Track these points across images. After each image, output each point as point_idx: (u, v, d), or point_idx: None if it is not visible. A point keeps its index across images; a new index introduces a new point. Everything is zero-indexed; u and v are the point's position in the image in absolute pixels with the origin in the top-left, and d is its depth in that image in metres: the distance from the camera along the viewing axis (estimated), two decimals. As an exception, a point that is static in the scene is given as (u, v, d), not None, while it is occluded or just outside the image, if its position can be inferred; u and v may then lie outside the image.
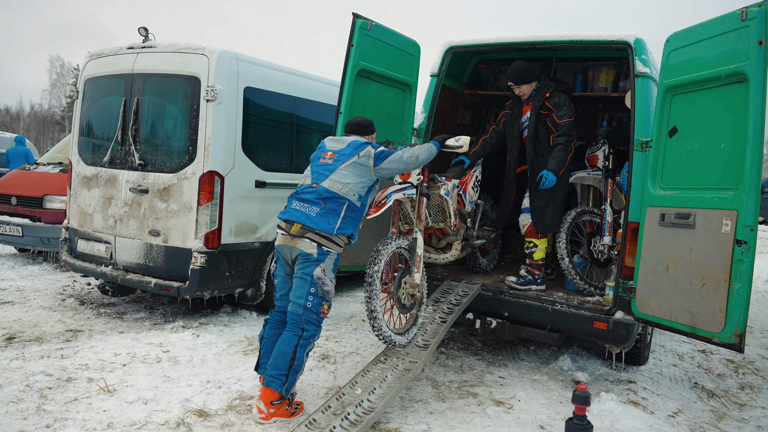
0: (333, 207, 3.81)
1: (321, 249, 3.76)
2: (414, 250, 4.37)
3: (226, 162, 5.62)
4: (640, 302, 4.33)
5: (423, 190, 4.39)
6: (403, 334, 4.37)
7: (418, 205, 4.42)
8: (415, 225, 4.43)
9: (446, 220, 4.93)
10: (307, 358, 3.84)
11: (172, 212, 5.63)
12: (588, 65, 5.70)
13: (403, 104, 5.40)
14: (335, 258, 3.86)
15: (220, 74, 5.53)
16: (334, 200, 3.82)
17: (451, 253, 5.14)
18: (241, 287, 5.99)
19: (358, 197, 3.90)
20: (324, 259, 3.77)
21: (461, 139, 4.49)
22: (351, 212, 3.87)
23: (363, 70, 4.87)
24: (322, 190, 3.83)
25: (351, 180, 3.89)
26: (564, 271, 5.11)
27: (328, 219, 3.77)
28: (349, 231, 3.85)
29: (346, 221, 3.84)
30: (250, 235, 5.96)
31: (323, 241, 3.76)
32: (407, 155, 4.06)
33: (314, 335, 3.82)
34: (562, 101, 5.02)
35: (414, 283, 4.34)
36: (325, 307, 3.83)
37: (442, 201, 4.88)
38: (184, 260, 5.55)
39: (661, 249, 4.17)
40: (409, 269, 4.40)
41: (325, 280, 3.78)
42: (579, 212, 5.26)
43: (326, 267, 3.79)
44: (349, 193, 3.85)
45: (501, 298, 5.07)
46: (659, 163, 4.30)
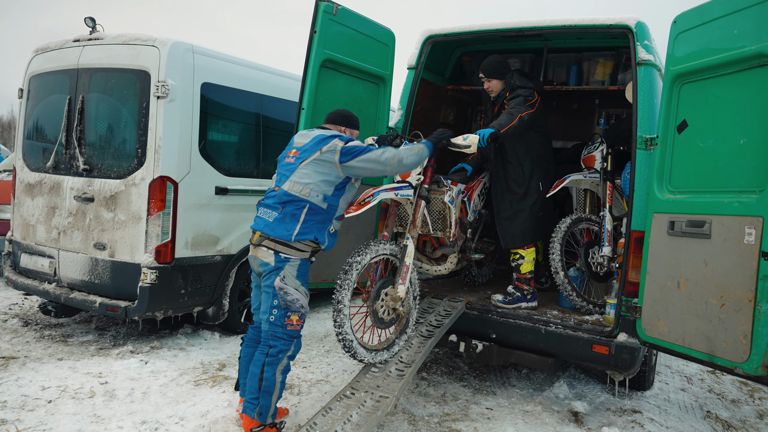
0: (291, 211, 3.45)
1: (278, 257, 3.42)
2: (402, 258, 3.84)
3: (180, 166, 5.02)
4: (647, 323, 3.74)
5: (422, 193, 3.93)
6: (374, 351, 3.82)
7: (414, 208, 3.94)
8: (408, 231, 3.93)
9: (446, 229, 4.41)
10: (281, 376, 3.45)
11: (120, 223, 5.02)
12: (583, 56, 5.13)
13: (377, 100, 4.82)
14: (299, 264, 3.46)
15: (172, 68, 4.94)
16: (293, 203, 3.45)
17: (446, 266, 4.59)
18: (200, 306, 5.37)
19: (322, 198, 3.49)
20: (283, 266, 3.42)
21: (469, 138, 3.93)
22: (314, 215, 3.47)
23: (328, 60, 4.28)
24: (281, 193, 3.49)
25: (312, 179, 3.48)
26: (558, 286, 4.52)
27: (285, 224, 3.43)
28: (311, 236, 3.45)
29: (308, 226, 3.45)
30: (210, 247, 5.35)
31: (280, 248, 3.42)
32: (387, 155, 3.53)
33: (283, 351, 3.45)
34: (519, 94, 4.36)
35: (396, 296, 3.82)
36: (294, 318, 3.46)
37: (444, 208, 4.35)
38: (132, 277, 4.94)
39: (671, 262, 3.59)
40: (392, 280, 3.88)
41: (287, 289, 3.42)
42: (575, 220, 4.68)
43: (287, 274, 3.42)
44: (310, 195, 3.45)
45: (488, 317, 4.48)
46: (666, 162, 3.73)
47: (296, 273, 3.45)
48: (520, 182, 4.57)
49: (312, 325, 6.32)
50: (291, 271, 3.44)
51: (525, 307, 4.62)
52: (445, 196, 4.34)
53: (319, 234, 3.49)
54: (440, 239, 4.63)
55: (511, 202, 4.59)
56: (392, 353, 3.94)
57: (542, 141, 4.68)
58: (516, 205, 4.59)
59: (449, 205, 4.34)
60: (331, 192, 3.53)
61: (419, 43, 4.90)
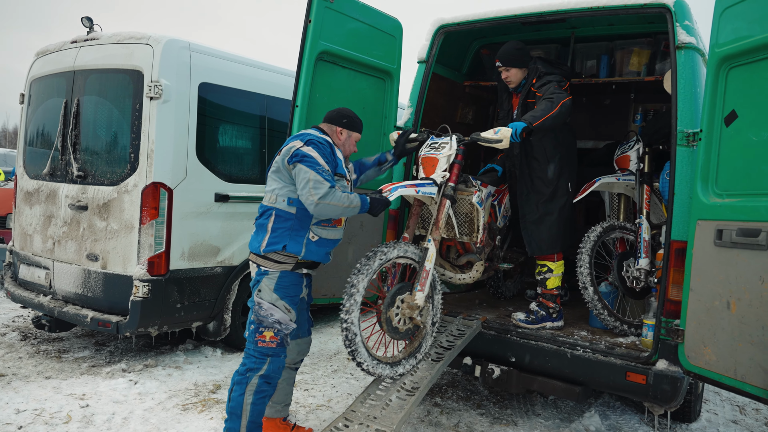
0: (261, 222, 3.30)
1: (259, 269, 3.26)
2: (422, 262, 3.48)
3: (176, 172, 4.69)
4: (691, 350, 3.19)
5: (447, 191, 3.58)
6: (389, 365, 3.45)
7: (438, 208, 3.59)
8: (430, 233, 3.56)
9: (472, 234, 3.99)
10: (250, 398, 3.14)
11: (112, 232, 4.72)
12: (615, 45, 4.59)
13: (383, 96, 4.38)
14: (278, 277, 3.23)
15: (167, 67, 4.62)
16: (264, 215, 3.30)
17: (470, 274, 4.13)
18: (198, 321, 5.02)
19: (287, 201, 3.24)
20: (261, 279, 3.24)
21: (501, 131, 3.53)
22: (282, 222, 3.24)
23: (326, 52, 3.88)
24: (260, 207, 3.38)
25: (276, 185, 3.29)
26: (587, 303, 3.97)
27: (257, 237, 3.29)
28: (280, 245, 3.20)
29: (277, 234, 3.23)
30: (210, 258, 5.01)
31: (259, 260, 3.26)
32: (312, 188, 3.07)
33: (252, 370, 3.18)
34: (549, 80, 3.89)
35: (414, 303, 3.43)
36: (267, 334, 3.20)
37: (472, 210, 3.95)
38: (124, 290, 4.63)
39: (719, 278, 3.04)
40: (409, 285, 3.49)
41: (261, 303, 3.23)
42: (606, 228, 4.13)
43: (263, 288, 3.23)
44: (276, 201, 3.26)
45: (506, 338, 3.98)
46: (712, 161, 3.18)
47: (274, 286, 3.22)
48: (547, 182, 4.05)
49: (323, 341, 5.91)
50: (268, 284, 3.22)
51: (550, 327, 4.09)
52: (473, 196, 3.90)
53: (291, 242, 3.20)
54: (466, 245, 4.18)
55: (537, 203, 4.08)
56: (395, 373, 3.49)
57: (570, 137, 4.17)
58: (543, 207, 4.07)
59: (477, 207, 3.92)
60: (297, 195, 3.20)
61: (430, 33, 4.46)
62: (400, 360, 3.56)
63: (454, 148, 3.59)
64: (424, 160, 3.64)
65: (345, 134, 3.49)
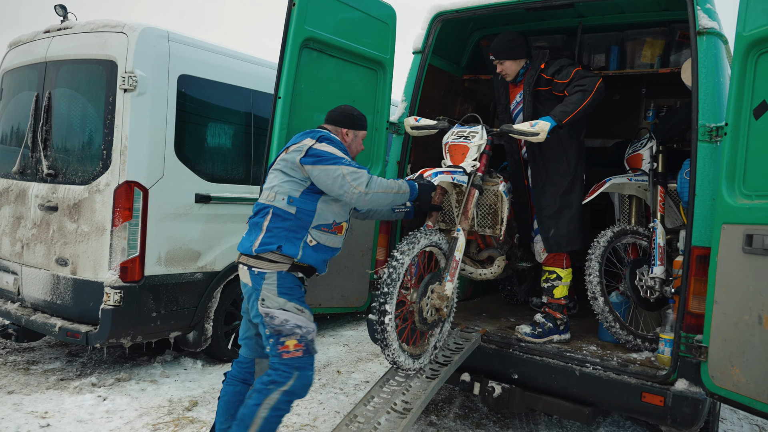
0: (256, 220, 3.01)
1: (252, 272, 2.93)
2: (452, 252, 3.35)
3: (151, 170, 4.35)
4: (716, 369, 2.84)
5: (476, 181, 3.48)
6: (416, 357, 3.31)
7: (467, 198, 3.47)
8: (459, 222, 3.45)
9: (496, 226, 3.80)
10: (266, 412, 2.84)
11: (83, 235, 4.38)
12: (626, 35, 4.25)
13: (375, 89, 4.04)
14: (276, 278, 2.91)
15: (142, 57, 4.29)
16: (260, 213, 3.01)
17: (492, 270, 3.95)
18: (176, 331, 4.67)
19: (287, 200, 2.96)
20: (260, 286, 2.91)
21: (538, 124, 3.38)
22: (279, 221, 2.94)
23: (311, 39, 3.55)
24: (255, 205, 3.09)
25: (277, 182, 3.02)
26: (597, 315, 3.63)
27: (249, 236, 3.00)
28: (274, 245, 2.90)
29: (272, 234, 2.93)
30: (189, 263, 4.66)
31: (251, 261, 2.93)
32: (353, 180, 2.90)
33: (276, 382, 2.87)
34: (564, 64, 3.69)
35: (444, 293, 3.29)
36: (289, 343, 2.90)
37: (496, 201, 3.77)
38: (95, 297, 4.28)
39: (749, 289, 2.70)
40: (439, 275, 3.35)
41: (271, 312, 2.89)
42: (617, 233, 3.79)
43: (266, 296, 2.90)
44: (275, 199, 2.98)
45: (508, 353, 3.64)
46: (740, 158, 2.85)
47: (276, 290, 2.90)
48: (564, 173, 3.77)
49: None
50: (269, 289, 2.90)
51: (557, 340, 3.75)
52: (499, 186, 3.70)
53: (288, 243, 2.92)
54: (487, 239, 3.99)
55: (554, 196, 3.78)
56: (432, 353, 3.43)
57: (580, 127, 3.86)
58: (561, 201, 3.77)
59: (504, 196, 3.72)
60: (299, 194, 2.97)
61: (426, 21, 4.12)
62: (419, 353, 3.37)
63: (485, 138, 3.48)
64: (452, 147, 3.53)
65: (351, 135, 3.26)
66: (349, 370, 5.10)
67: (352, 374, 4.99)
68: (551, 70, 3.68)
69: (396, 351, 3.10)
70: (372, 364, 5.30)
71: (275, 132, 3.48)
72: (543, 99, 3.76)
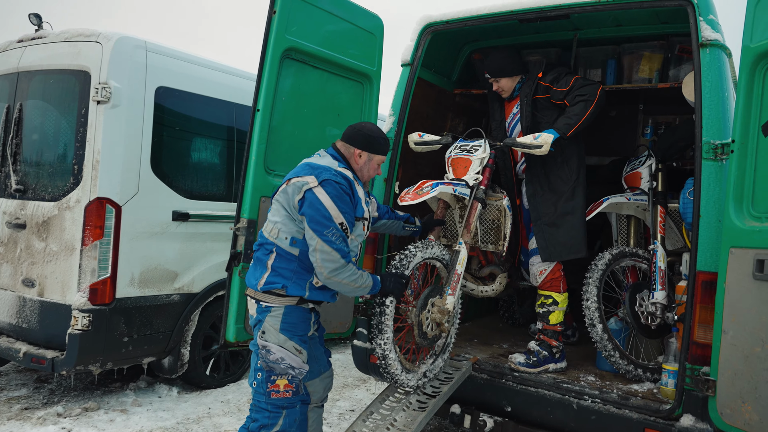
0: (260, 256, 2.87)
1: (259, 306, 2.82)
2: (454, 266, 3.25)
3: (125, 186, 4.13)
4: (726, 406, 2.62)
5: (479, 195, 3.40)
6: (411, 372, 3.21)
7: (470, 211, 3.37)
8: (461, 236, 3.34)
9: (498, 242, 3.69)
10: None
11: (51, 255, 4.13)
12: (623, 49, 4.09)
13: (361, 102, 3.85)
14: (283, 313, 2.79)
15: (117, 67, 4.09)
16: (263, 246, 2.86)
17: (493, 287, 3.83)
18: (150, 356, 4.41)
19: (290, 241, 2.79)
20: (264, 317, 2.80)
21: (542, 137, 3.30)
22: (284, 262, 2.80)
23: (293, 49, 3.36)
24: (259, 235, 2.95)
25: (279, 217, 2.83)
26: (595, 342, 3.41)
27: (255, 271, 2.86)
28: (279, 284, 2.77)
29: (276, 273, 2.80)
30: (165, 284, 4.42)
31: (257, 296, 2.83)
32: (323, 259, 2.69)
33: (265, 427, 2.75)
34: (562, 72, 3.62)
35: (444, 308, 3.17)
36: (280, 383, 2.78)
37: (500, 216, 3.66)
38: (62, 321, 4.03)
39: (761, 319, 2.51)
40: (440, 289, 3.26)
41: (269, 346, 2.77)
42: (616, 255, 3.59)
43: (267, 328, 2.78)
44: (278, 237, 2.80)
45: (501, 384, 3.41)
46: (748, 177, 2.67)
47: (280, 325, 2.78)
48: (565, 178, 3.62)
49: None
50: (272, 323, 2.78)
51: (553, 369, 3.53)
52: (503, 200, 3.61)
53: (293, 285, 2.79)
54: (488, 255, 3.89)
55: (555, 203, 3.62)
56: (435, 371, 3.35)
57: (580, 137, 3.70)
58: (563, 207, 3.59)
59: (507, 211, 3.62)
60: (302, 235, 2.77)
61: (416, 33, 3.94)
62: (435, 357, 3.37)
63: (488, 152, 3.43)
64: (454, 161, 3.48)
65: (365, 157, 2.97)
66: (334, 397, 4.84)
67: (337, 402, 4.74)
68: (549, 78, 3.60)
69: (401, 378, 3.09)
70: (358, 391, 5.05)
71: (253, 147, 3.26)
72: (541, 107, 3.65)
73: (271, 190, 3.30)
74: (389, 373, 3.06)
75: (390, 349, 3.02)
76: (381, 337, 2.99)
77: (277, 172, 3.40)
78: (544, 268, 3.66)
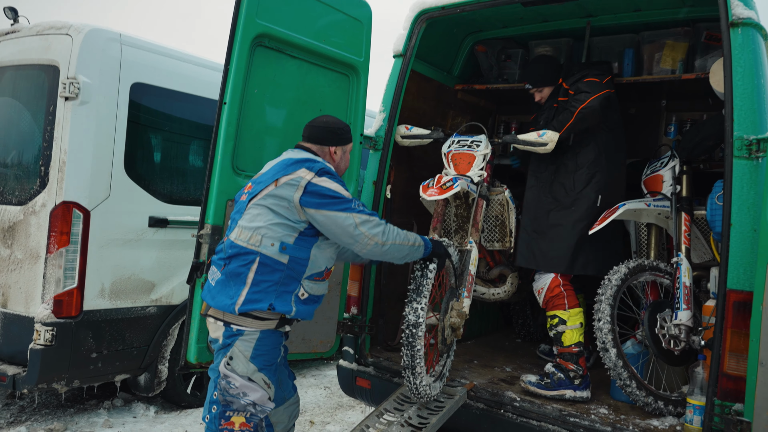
0: (235, 269, 2.46)
1: (229, 329, 2.46)
2: (466, 267, 3.11)
3: (95, 189, 3.81)
4: (763, 454, 2.17)
5: (483, 192, 3.30)
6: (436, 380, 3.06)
7: (476, 209, 3.26)
8: (470, 235, 3.22)
9: (504, 238, 3.60)
10: None
11: (16, 263, 3.83)
12: (642, 37, 3.66)
13: (347, 97, 3.48)
14: (257, 338, 2.45)
15: (87, 61, 3.78)
16: (239, 257, 2.46)
17: (505, 288, 3.66)
18: (124, 373, 4.08)
19: (278, 247, 2.45)
20: (233, 342, 2.44)
21: (547, 134, 3.15)
22: (268, 274, 2.44)
23: (266, 36, 3.00)
24: (227, 245, 2.53)
25: (263, 221, 2.47)
26: (609, 369, 2.97)
27: (227, 288, 2.46)
28: (264, 303, 2.41)
29: (260, 288, 2.43)
30: (140, 296, 4.09)
31: (229, 318, 2.45)
32: (366, 228, 2.48)
33: None
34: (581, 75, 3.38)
35: (462, 310, 3.03)
36: (235, 421, 2.44)
37: (503, 211, 3.58)
38: (26, 334, 3.71)
39: (808, 350, 2.05)
40: (453, 291, 3.09)
41: (232, 378, 2.42)
42: (633, 268, 3.14)
43: (236, 354, 2.43)
44: (261, 243, 2.44)
45: (499, 415, 2.99)
46: (790, 177, 2.22)
47: (252, 352, 2.44)
48: (568, 188, 3.35)
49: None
50: (243, 349, 2.44)
51: (570, 397, 3.10)
52: (505, 192, 3.54)
53: (279, 300, 2.45)
54: (496, 256, 3.73)
55: (548, 211, 3.36)
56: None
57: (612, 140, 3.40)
58: (554, 217, 3.32)
59: (510, 203, 3.54)
60: (293, 239, 2.48)
61: (409, 21, 3.58)
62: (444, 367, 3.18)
63: (489, 148, 3.31)
64: (456, 156, 3.33)
65: (339, 152, 2.80)
66: (325, 420, 4.45)
67: (327, 425, 4.35)
68: (570, 81, 3.38)
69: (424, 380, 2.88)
70: (352, 413, 4.65)
71: (219, 145, 2.91)
72: (562, 110, 3.38)
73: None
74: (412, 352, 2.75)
75: (423, 317, 2.76)
76: (418, 301, 2.75)
77: (249, 173, 3.05)
78: (541, 287, 3.30)
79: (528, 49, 4.07)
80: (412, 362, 2.77)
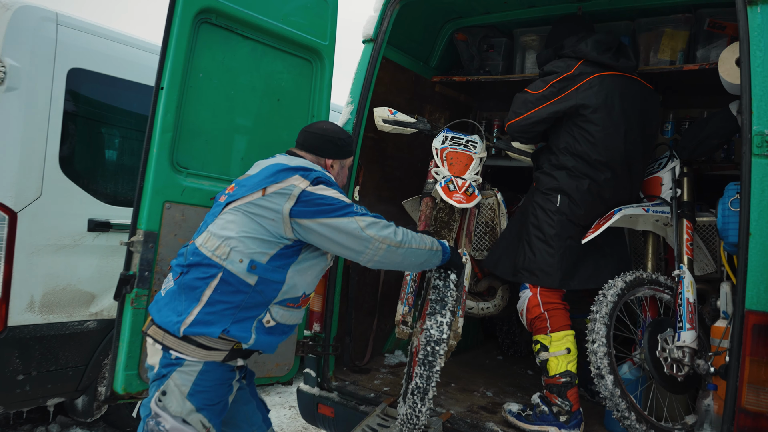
0: (191, 281, 2.11)
1: (167, 356, 2.08)
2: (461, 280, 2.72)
3: (23, 187, 3.35)
4: None
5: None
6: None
7: (470, 217, 2.98)
8: (463, 245, 2.94)
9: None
10: None
11: (-70, 271, 3.35)
12: (638, 25, 3.32)
13: (309, 85, 3.07)
14: (197, 372, 2.06)
15: (16, 42, 3.32)
16: (199, 268, 2.12)
17: (494, 302, 3.41)
18: (57, 396, 3.61)
19: (247, 265, 2.09)
20: (169, 373, 2.07)
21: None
22: (228, 293, 2.08)
23: (212, 10, 2.59)
24: (190, 249, 2.20)
25: (235, 231, 2.13)
26: (603, 397, 2.59)
27: (177, 302, 2.09)
28: (217, 327, 2.04)
29: (215, 309, 2.06)
30: (77, 309, 3.62)
31: (169, 341, 2.07)
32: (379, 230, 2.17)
33: None
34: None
35: (457, 330, 2.65)
36: None
37: (494, 216, 3.35)
38: (-61, 354, 3.24)
39: None
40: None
41: (162, 418, 2.05)
42: (630, 282, 2.78)
43: (171, 389, 2.05)
44: (229, 257, 2.10)
45: (478, 451, 2.59)
46: (823, 179, 1.87)
47: (190, 388, 2.06)
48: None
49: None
50: (180, 382, 2.05)
51: (553, 435, 2.71)
52: (497, 196, 3.31)
53: (236, 326, 2.08)
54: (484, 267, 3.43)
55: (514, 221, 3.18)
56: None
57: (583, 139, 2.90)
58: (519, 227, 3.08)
59: (502, 206, 3.31)
60: (267, 258, 2.13)
61: (380, 2, 3.19)
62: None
63: (485, 151, 3.11)
64: (452, 155, 3.04)
65: (337, 166, 2.47)
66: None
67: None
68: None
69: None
70: None
71: (155, 136, 2.50)
72: None
73: (179, 193, 2.53)
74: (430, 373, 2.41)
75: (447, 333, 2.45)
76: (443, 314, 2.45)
77: (192, 171, 2.64)
78: (522, 308, 2.89)
79: (512, 38, 3.71)
80: (426, 385, 2.40)
